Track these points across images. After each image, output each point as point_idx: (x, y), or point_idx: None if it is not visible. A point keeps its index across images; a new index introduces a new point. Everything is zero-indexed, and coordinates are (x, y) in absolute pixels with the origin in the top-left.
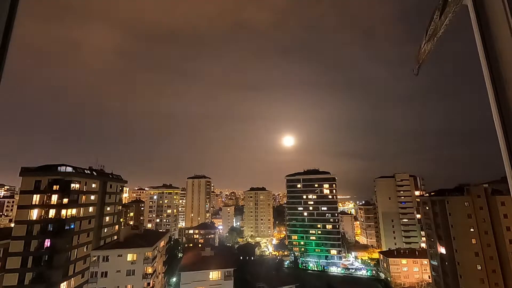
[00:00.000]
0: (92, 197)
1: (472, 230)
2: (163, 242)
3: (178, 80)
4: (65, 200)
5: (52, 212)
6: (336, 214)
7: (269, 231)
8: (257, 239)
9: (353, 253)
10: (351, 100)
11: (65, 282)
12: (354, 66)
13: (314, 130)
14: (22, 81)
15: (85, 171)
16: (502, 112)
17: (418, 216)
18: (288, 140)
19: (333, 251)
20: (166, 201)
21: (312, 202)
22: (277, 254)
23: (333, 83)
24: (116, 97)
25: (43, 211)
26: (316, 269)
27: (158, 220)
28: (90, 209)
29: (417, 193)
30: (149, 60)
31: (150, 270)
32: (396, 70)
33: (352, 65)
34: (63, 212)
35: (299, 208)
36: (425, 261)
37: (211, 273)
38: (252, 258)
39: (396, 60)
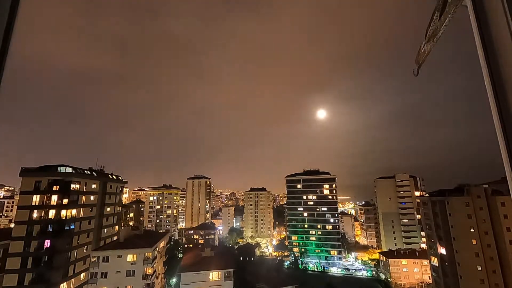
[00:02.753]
0: (92, 198)
1: (472, 230)
2: (163, 242)
3: (178, 79)
4: (65, 201)
5: (52, 213)
6: (336, 215)
7: (269, 232)
8: (257, 239)
9: (353, 253)
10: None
11: (65, 283)
12: (352, 67)
13: (316, 131)
14: (22, 81)
15: (85, 171)
16: (502, 113)
17: (418, 216)
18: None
19: (333, 252)
20: (166, 202)
21: (312, 203)
22: (277, 254)
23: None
24: (116, 98)
25: (43, 211)
26: (316, 269)
27: (158, 221)
28: (90, 209)
29: (417, 193)
30: (150, 60)
31: (150, 271)
32: (395, 71)
33: (349, 66)
34: (63, 212)
35: (299, 209)
36: (425, 262)
37: (211, 273)
38: (252, 258)
39: (396, 61)
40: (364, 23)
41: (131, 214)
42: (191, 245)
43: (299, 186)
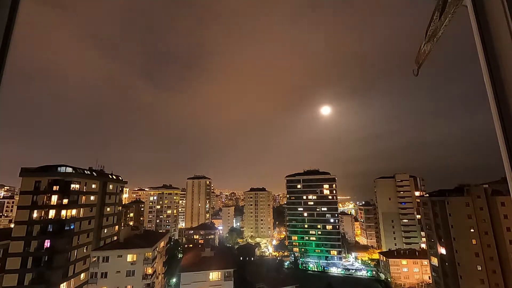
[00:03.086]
0: (92, 198)
1: (472, 230)
2: (163, 242)
3: (176, 78)
4: (65, 201)
5: (52, 213)
6: (336, 215)
7: (269, 232)
8: (257, 239)
9: (353, 253)
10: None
11: (65, 283)
12: (352, 67)
13: (316, 131)
14: (23, 81)
15: (85, 171)
16: (502, 113)
17: (418, 216)
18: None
19: (333, 252)
20: (166, 202)
21: (312, 203)
22: (277, 254)
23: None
24: (115, 97)
25: (43, 211)
26: (316, 269)
27: (158, 221)
28: (90, 209)
29: (417, 193)
30: (150, 60)
31: (150, 271)
32: (395, 72)
33: (349, 66)
34: (63, 212)
35: (299, 209)
36: (425, 262)
37: (211, 273)
38: (252, 258)
39: (396, 61)
40: (363, 23)
41: (131, 214)
42: (191, 245)
43: (299, 186)
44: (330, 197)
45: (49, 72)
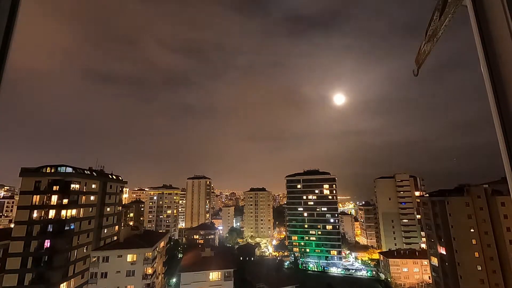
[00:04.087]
0: (92, 198)
1: (472, 230)
2: (163, 242)
3: (176, 75)
4: (65, 201)
5: (52, 213)
6: (336, 215)
7: (269, 232)
8: (257, 239)
9: (353, 253)
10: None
11: (65, 283)
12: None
13: (316, 131)
14: (24, 81)
15: (85, 171)
16: (502, 113)
17: (418, 216)
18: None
19: (333, 252)
20: (166, 202)
21: (312, 203)
22: (277, 254)
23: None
24: (115, 97)
25: (43, 211)
26: (316, 269)
27: (158, 221)
28: (90, 209)
29: (417, 193)
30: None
31: (150, 271)
32: (394, 71)
33: (347, 66)
34: (63, 212)
35: (299, 209)
36: (425, 262)
37: (211, 273)
38: (252, 258)
39: (395, 60)
40: (362, 23)
41: (131, 214)
42: (191, 245)
43: (299, 186)
44: (330, 197)
45: (48, 71)
